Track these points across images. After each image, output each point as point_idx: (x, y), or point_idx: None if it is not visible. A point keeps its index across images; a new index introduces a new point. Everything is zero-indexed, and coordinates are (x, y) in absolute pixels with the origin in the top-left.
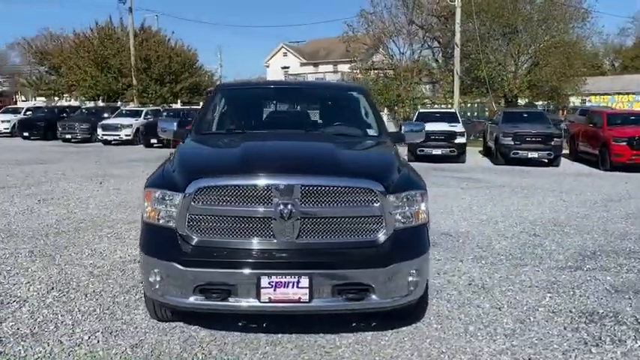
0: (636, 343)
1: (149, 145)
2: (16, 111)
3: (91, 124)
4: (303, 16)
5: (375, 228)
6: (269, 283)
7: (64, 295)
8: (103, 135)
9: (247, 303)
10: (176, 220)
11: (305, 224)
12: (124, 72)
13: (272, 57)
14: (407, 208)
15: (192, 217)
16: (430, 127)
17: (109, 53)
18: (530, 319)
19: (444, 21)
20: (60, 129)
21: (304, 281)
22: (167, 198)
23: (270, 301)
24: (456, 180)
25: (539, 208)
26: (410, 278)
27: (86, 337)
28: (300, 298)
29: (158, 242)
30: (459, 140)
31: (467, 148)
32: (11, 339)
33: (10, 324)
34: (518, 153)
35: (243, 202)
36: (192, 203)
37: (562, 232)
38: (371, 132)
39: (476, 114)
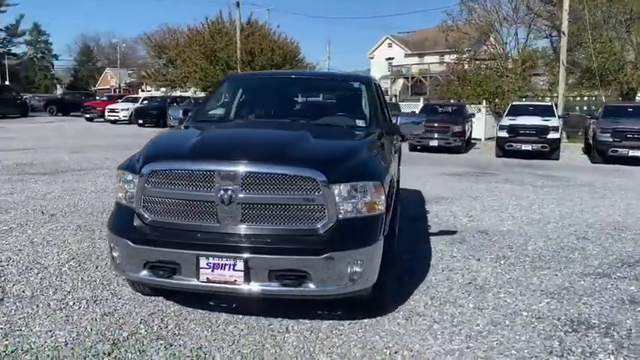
0: (609, 357)
1: None
2: (135, 100)
3: None
4: (408, 6)
5: (316, 217)
6: (207, 264)
7: (79, 266)
8: None
9: (188, 282)
10: (134, 200)
11: (246, 210)
12: (231, 64)
13: (376, 48)
14: (355, 198)
15: (146, 197)
16: (521, 121)
17: (218, 47)
18: (506, 322)
19: (552, 8)
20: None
21: (240, 264)
22: (128, 179)
23: (208, 281)
24: (533, 177)
25: (607, 210)
26: (351, 268)
27: (71, 303)
28: (235, 280)
29: (119, 220)
30: (552, 135)
31: (570, 144)
32: (12, 299)
33: (20, 287)
34: (617, 151)
35: (190, 186)
36: (146, 185)
37: (616, 238)
38: (360, 122)
39: (585, 108)
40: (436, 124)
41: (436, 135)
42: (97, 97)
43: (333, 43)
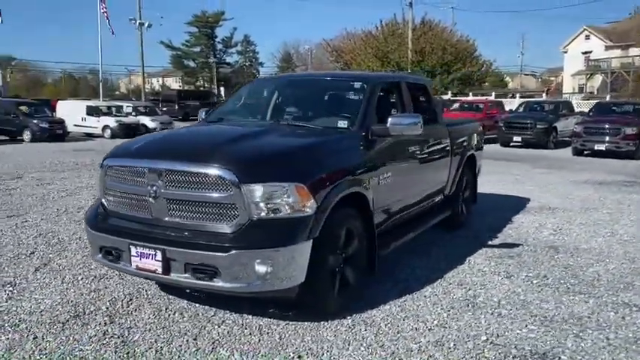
0: None
1: None
2: None
3: None
4: None
5: (229, 215)
6: (136, 253)
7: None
8: None
9: (128, 268)
10: (99, 190)
11: (170, 205)
12: (402, 65)
13: (571, 41)
14: (271, 199)
15: (105, 188)
16: None
17: (391, 48)
18: (449, 345)
19: None
20: None
21: (159, 255)
22: (100, 172)
23: (138, 268)
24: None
25: None
26: (260, 267)
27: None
28: (156, 270)
29: (91, 209)
30: None
31: None
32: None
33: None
34: None
35: (130, 181)
36: (105, 177)
37: None
38: (341, 123)
39: None
40: (606, 126)
41: (605, 138)
42: None
43: (528, 39)
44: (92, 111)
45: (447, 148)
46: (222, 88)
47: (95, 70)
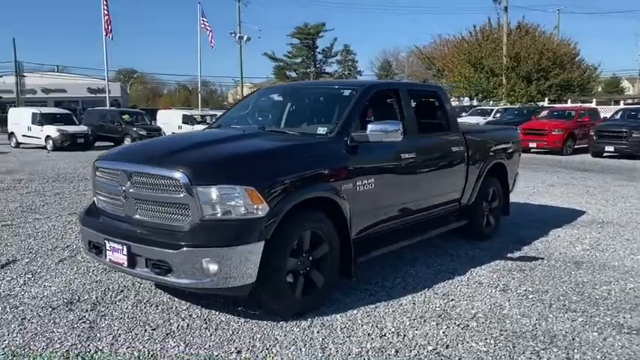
0: None
1: None
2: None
3: None
4: None
5: (183, 214)
6: (110, 247)
7: None
8: None
9: (105, 260)
10: (92, 189)
11: (138, 204)
12: (495, 71)
13: None
14: (222, 201)
15: (95, 187)
16: None
17: (484, 54)
18: (388, 347)
19: None
20: None
21: (125, 250)
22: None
23: (111, 262)
24: None
25: None
26: (209, 265)
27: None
28: (123, 263)
29: (87, 207)
30: None
31: None
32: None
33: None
34: None
35: (109, 181)
36: (95, 176)
37: None
38: (321, 130)
39: None
40: None
41: None
42: None
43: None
44: (187, 120)
45: (462, 156)
46: None
47: (206, 81)
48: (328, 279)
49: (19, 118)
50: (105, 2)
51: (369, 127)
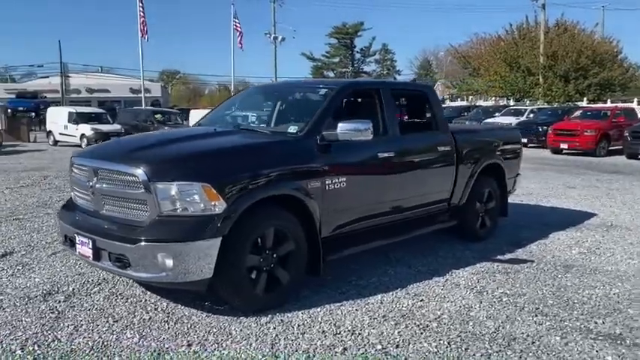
0: None
1: None
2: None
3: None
4: None
5: (142, 209)
6: (79, 241)
7: None
8: None
9: (76, 253)
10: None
11: (104, 199)
12: (532, 70)
13: None
14: (179, 197)
15: (71, 182)
16: None
17: (520, 53)
18: (337, 345)
19: None
20: None
21: (90, 244)
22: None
23: (80, 254)
24: None
25: None
26: (164, 260)
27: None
28: (90, 256)
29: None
30: None
31: None
32: None
33: None
34: None
35: (81, 176)
36: (70, 171)
37: None
38: (292, 129)
39: None
40: None
41: None
42: None
43: None
44: None
45: (450, 155)
46: None
47: (245, 81)
48: (294, 276)
49: (57, 117)
50: (141, 4)
51: (339, 125)
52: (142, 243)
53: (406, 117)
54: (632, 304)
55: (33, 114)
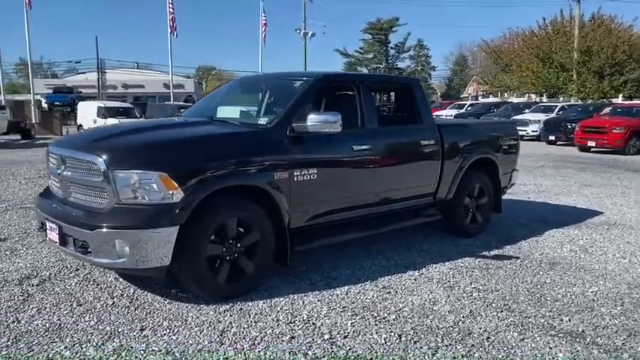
0: None
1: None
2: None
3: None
4: None
5: (103, 197)
6: (49, 227)
7: None
8: None
9: (47, 240)
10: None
11: (70, 186)
12: (566, 66)
13: None
14: (136, 185)
15: (48, 170)
16: None
17: (554, 48)
18: (285, 333)
19: None
20: None
21: (57, 230)
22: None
23: (50, 240)
24: None
25: None
26: (121, 246)
27: None
28: (57, 242)
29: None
30: None
31: None
32: None
33: None
34: None
35: (53, 165)
36: (47, 159)
37: None
38: (262, 121)
39: None
40: None
41: None
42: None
43: None
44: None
45: (435, 149)
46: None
47: None
48: (260, 266)
49: (87, 112)
50: (170, 1)
51: (308, 117)
52: (100, 229)
53: (388, 110)
54: (607, 302)
55: (68, 108)
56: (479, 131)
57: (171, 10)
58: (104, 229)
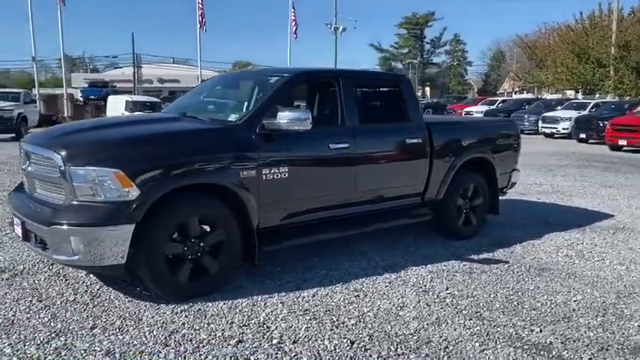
0: None
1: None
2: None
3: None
4: None
5: (61, 193)
6: (15, 222)
7: None
8: (542, 128)
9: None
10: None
11: (35, 182)
12: (603, 62)
13: None
14: (92, 182)
15: (21, 166)
16: None
17: (591, 43)
18: (236, 336)
19: None
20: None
21: (21, 225)
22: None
23: (17, 235)
24: None
25: None
26: (76, 243)
27: None
28: (21, 237)
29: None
30: None
31: None
32: None
33: None
34: None
35: (22, 161)
36: (20, 157)
37: None
38: (232, 117)
39: None
40: None
41: None
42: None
43: None
44: None
45: (422, 147)
46: (427, 89)
47: None
48: (226, 266)
49: (116, 105)
50: None
51: (278, 114)
52: (56, 226)
53: (373, 107)
54: (588, 312)
55: (102, 102)
56: (473, 130)
57: (201, 6)
58: (59, 226)
